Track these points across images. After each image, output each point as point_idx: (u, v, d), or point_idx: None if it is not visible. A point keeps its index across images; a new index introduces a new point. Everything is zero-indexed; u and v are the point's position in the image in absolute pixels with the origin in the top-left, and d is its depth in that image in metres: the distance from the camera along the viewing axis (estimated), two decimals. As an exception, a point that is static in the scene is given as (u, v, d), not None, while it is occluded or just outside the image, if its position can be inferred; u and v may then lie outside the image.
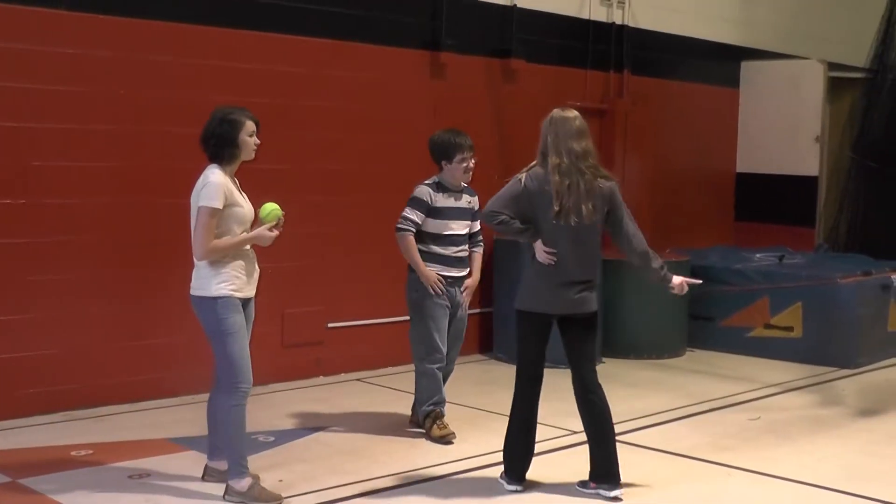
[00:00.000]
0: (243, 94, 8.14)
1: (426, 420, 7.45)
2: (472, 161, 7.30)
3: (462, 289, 7.42)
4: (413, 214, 7.19)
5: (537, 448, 6.48)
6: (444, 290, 7.27)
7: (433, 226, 7.23)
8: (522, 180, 6.20)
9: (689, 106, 13.18)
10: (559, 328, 6.34)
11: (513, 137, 10.46)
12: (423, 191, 7.25)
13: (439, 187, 7.28)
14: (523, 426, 6.38)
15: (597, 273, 6.37)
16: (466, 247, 7.42)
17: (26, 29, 7.56)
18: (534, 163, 6.24)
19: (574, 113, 6.25)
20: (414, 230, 7.22)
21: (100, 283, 8.02)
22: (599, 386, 6.33)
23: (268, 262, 6.32)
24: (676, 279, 6.41)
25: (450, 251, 7.29)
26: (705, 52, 13.31)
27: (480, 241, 7.55)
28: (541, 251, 6.17)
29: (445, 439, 7.32)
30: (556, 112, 6.23)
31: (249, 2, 8.76)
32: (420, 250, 7.26)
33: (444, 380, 7.56)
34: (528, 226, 6.23)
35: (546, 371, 6.37)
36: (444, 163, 7.27)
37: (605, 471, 6.27)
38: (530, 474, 6.42)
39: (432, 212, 7.23)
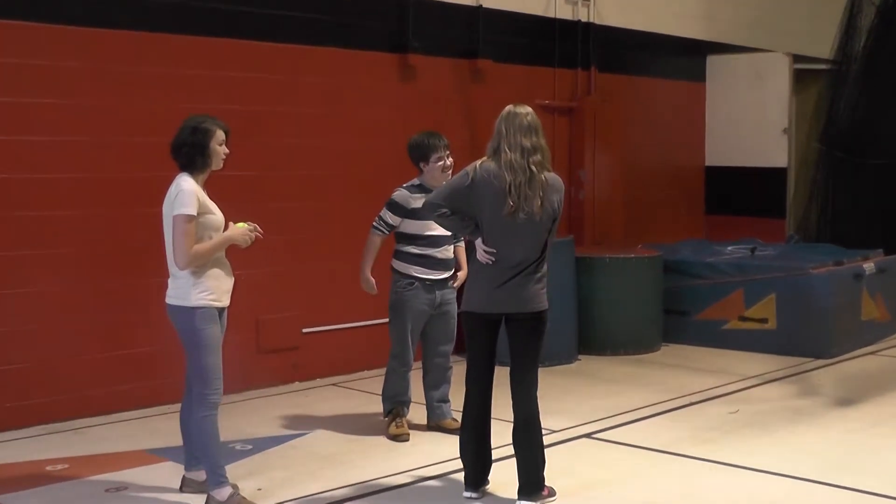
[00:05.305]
0: (215, 102, 8.14)
1: (388, 416, 7.60)
2: (450, 159, 7.33)
3: (452, 284, 7.48)
4: (388, 216, 7.27)
5: (509, 450, 6.20)
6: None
7: (413, 227, 7.24)
8: (471, 174, 5.99)
9: (656, 101, 13.25)
10: (505, 327, 6.10)
11: (483, 138, 10.17)
12: (400, 194, 7.28)
13: (420, 189, 7.27)
14: (472, 431, 6.15)
15: (539, 269, 6.01)
16: (450, 248, 7.42)
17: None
18: (484, 157, 6.04)
19: (526, 109, 6.02)
20: (386, 232, 7.34)
21: (70, 295, 7.98)
22: (525, 390, 6.01)
23: (241, 268, 6.30)
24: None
25: (430, 252, 7.31)
26: (671, 47, 13.38)
27: (459, 237, 7.48)
28: (480, 250, 6.00)
29: (399, 438, 7.46)
30: (509, 108, 6.02)
31: (214, 10, 8.69)
32: (400, 251, 7.39)
33: (446, 378, 7.65)
34: (470, 222, 6.04)
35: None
36: (422, 164, 7.31)
37: (522, 481, 5.99)
38: (498, 480, 6.22)
39: (412, 213, 7.23)
